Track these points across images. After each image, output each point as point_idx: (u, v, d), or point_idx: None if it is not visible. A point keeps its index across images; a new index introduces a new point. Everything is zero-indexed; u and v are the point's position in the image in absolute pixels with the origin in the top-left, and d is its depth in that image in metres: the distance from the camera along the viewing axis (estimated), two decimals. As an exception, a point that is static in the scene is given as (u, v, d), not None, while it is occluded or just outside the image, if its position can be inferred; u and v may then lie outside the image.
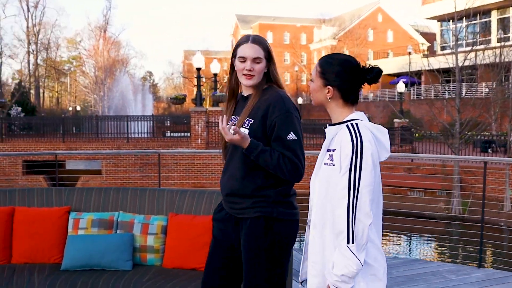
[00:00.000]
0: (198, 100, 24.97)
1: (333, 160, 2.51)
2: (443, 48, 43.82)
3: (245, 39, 3.12)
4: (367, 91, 53.92)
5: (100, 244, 4.32)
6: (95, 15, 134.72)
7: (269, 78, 3.16)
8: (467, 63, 19.76)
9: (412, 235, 15.08)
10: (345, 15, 69.74)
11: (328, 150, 2.57)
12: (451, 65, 19.72)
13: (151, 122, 27.19)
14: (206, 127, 23.74)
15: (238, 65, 3.10)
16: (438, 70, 20.09)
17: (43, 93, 73.10)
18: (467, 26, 27.60)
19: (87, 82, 66.07)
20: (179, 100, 29.36)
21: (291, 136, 2.99)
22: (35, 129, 28.48)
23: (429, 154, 20.05)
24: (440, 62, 20.07)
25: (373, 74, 2.57)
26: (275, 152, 2.97)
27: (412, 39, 64.36)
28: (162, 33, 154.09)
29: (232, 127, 2.93)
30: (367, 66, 2.59)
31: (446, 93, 22.41)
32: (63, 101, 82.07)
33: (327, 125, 2.64)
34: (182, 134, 27.09)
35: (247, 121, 3.07)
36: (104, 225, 4.49)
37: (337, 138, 2.53)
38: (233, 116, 3.22)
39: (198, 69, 24.22)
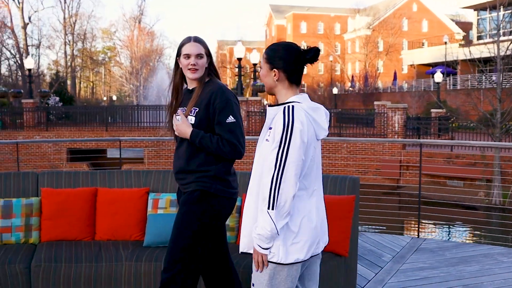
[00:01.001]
0: (239, 89, 25.48)
1: (269, 137, 2.86)
2: (479, 38, 43.30)
3: (188, 40, 3.59)
4: (402, 81, 53.57)
5: (180, 222, 4.63)
6: (130, 6, 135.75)
7: (210, 72, 3.65)
8: (508, 52, 19.62)
9: (454, 222, 15.23)
10: (379, 4, 69.19)
11: (270, 128, 2.90)
12: (492, 54, 19.62)
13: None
14: (247, 116, 24.09)
15: (183, 61, 3.57)
16: (479, 60, 19.98)
17: (79, 83, 74.10)
18: (510, 15, 27.27)
19: (121, 72, 66.77)
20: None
21: (230, 119, 3.45)
22: (73, 118, 29.04)
23: (476, 141, 20.03)
24: (481, 52, 19.92)
25: (312, 54, 2.89)
26: (214, 137, 3.45)
27: (447, 28, 63.67)
28: (196, 23, 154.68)
29: (179, 113, 3.56)
30: (307, 47, 2.92)
31: (483, 81, 22.24)
32: (97, 91, 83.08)
33: (268, 105, 3.01)
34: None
35: (193, 110, 3.54)
36: (182, 204, 4.81)
37: (276, 117, 2.87)
38: (181, 108, 3.67)
39: (239, 59, 24.63)
